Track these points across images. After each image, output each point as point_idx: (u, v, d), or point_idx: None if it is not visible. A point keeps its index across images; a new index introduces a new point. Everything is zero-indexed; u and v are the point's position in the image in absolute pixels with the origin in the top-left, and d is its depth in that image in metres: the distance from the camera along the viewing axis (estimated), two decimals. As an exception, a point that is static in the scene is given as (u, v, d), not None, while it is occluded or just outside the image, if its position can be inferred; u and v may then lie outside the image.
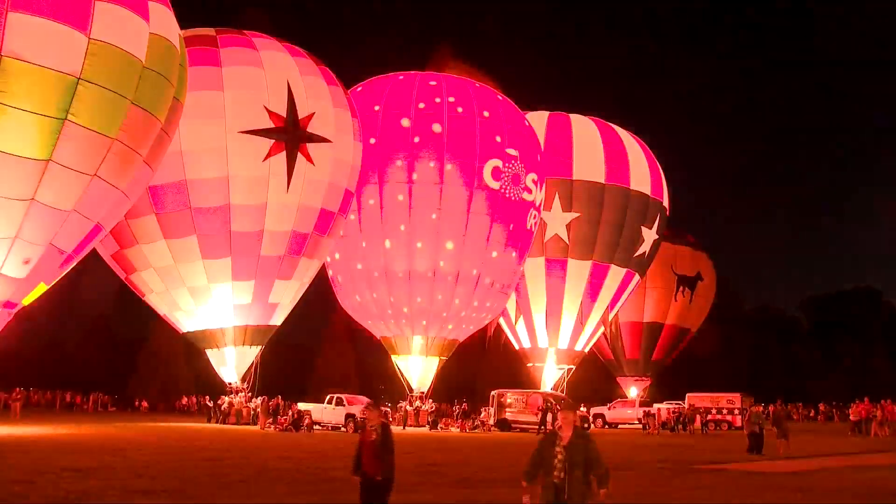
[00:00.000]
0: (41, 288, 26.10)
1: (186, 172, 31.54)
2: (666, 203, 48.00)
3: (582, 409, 44.48)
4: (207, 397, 43.62)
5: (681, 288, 55.54)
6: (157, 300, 34.59)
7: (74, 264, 26.75)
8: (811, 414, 67.30)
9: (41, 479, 14.49)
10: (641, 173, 45.78)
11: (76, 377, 60.25)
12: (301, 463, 19.45)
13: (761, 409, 36.15)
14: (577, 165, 44.38)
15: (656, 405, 48.98)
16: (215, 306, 33.96)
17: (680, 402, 48.47)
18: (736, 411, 44.79)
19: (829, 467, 21.32)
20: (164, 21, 25.22)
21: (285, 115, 32.77)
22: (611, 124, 46.88)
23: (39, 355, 59.32)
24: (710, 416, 44.51)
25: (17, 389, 49.09)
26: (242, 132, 32.03)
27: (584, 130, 45.55)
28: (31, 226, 23.44)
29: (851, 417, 42.75)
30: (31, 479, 14.57)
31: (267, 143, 32.31)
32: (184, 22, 27.32)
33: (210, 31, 33.70)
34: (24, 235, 23.58)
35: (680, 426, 43.83)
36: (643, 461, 22.22)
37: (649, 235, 46.36)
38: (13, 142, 22.31)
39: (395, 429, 36.03)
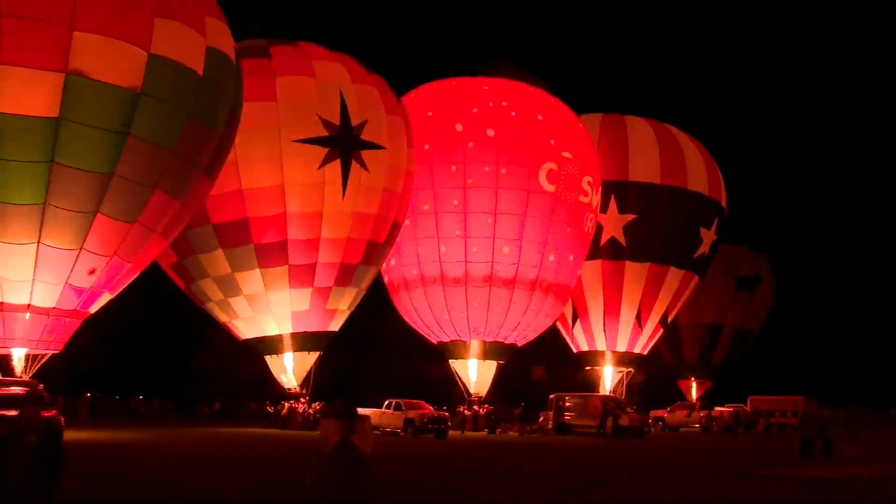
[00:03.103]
0: (106, 297, 26.80)
1: (242, 182, 32.01)
2: (724, 203, 47.31)
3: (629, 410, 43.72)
4: (268, 403, 44.13)
5: (740, 289, 54.74)
6: (216, 309, 35.15)
7: (138, 274, 27.39)
8: (880, 416, 65.67)
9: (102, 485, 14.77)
10: (698, 174, 45.18)
11: (139, 383, 61.58)
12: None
13: (829, 412, 35.27)
14: (633, 167, 43.97)
15: (717, 408, 48.32)
16: (273, 313, 34.37)
17: (741, 404, 47.73)
18: (799, 414, 43.91)
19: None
20: (220, 34, 25.72)
21: (339, 123, 33.08)
22: (666, 124, 46.35)
23: (105, 362, 60.66)
24: (772, 420, 43.71)
25: (85, 395, 50.45)
26: (296, 141, 32.43)
27: (639, 131, 45.09)
28: (96, 238, 24.11)
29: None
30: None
31: (321, 152, 32.66)
32: (237, 34, 27.78)
33: (262, 43, 34.17)
34: (89, 247, 24.26)
35: (741, 429, 43.16)
36: (694, 464, 21.95)
37: (708, 237, 45.75)
38: (78, 156, 22.98)
39: (454, 433, 36.12)
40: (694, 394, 56.16)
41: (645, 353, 46.70)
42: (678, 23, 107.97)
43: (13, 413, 20.39)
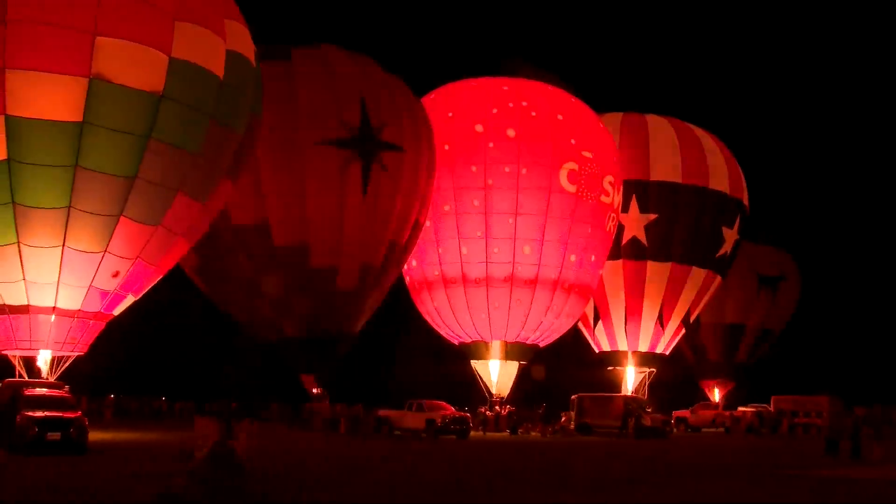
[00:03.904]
0: (130, 300, 27.00)
1: (263, 184, 32.16)
2: (746, 202, 47.02)
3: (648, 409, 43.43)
4: (289, 405, 44.36)
5: (763, 288, 54.36)
6: (239, 311, 35.33)
7: (161, 277, 27.57)
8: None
9: (109, 486, 14.83)
10: (720, 172, 44.95)
11: (162, 384, 62.03)
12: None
13: (864, 412, 34.95)
14: (654, 166, 43.81)
15: (740, 408, 48.02)
16: (295, 315, 34.48)
17: (765, 404, 47.41)
18: (824, 414, 43.53)
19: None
20: (240, 38, 25.89)
21: (359, 125, 33.17)
22: (687, 123, 46.14)
23: (128, 364, 61.15)
24: (796, 420, 43.39)
25: (109, 396, 50.92)
26: (317, 143, 32.53)
27: (660, 130, 44.92)
28: (120, 241, 24.33)
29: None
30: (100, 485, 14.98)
31: (342, 154, 32.76)
32: (257, 37, 27.89)
33: (283, 46, 34.30)
34: (113, 250, 24.48)
35: (766, 429, 42.83)
36: (720, 464, 21.83)
37: (730, 235, 45.49)
38: (101, 160, 23.22)
39: (475, 434, 36.07)
40: (717, 394, 55.81)
41: (667, 353, 46.50)
42: (698, 21, 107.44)
43: (39, 414, 20.68)
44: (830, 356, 70.41)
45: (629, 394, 43.77)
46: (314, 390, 37.59)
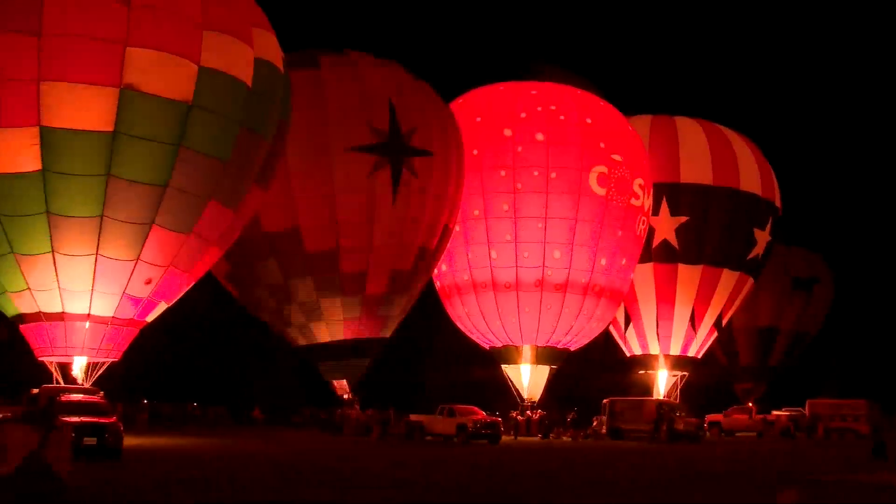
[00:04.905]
0: (162, 306, 27.28)
1: (293, 191, 32.34)
2: (778, 203, 46.56)
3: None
4: (321, 410, 44.51)
5: (797, 290, 53.76)
6: (270, 317, 35.54)
7: (193, 284, 27.82)
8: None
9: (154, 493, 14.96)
10: (751, 173, 44.54)
11: (195, 390, 62.57)
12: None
13: None
14: (685, 168, 43.50)
15: (774, 412, 47.54)
16: (325, 321, 34.64)
17: (800, 408, 46.88)
18: (861, 418, 42.96)
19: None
20: (268, 45, 26.10)
21: (388, 131, 33.27)
22: (717, 125, 45.79)
23: (162, 370, 61.74)
24: (832, 424, 42.85)
25: (143, 402, 51.47)
26: (347, 149, 32.67)
27: (690, 132, 44.60)
28: (152, 248, 24.60)
29: None
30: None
31: (371, 159, 32.88)
32: (286, 45, 28.10)
33: (311, 53, 34.49)
34: (145, 258, 24.76)
35: (802, 433, 42.36)
36: (754, 471, 21.59)
37: (762, 237, 45.05)
38: (133, 169, 23.51)
39: (507, 438, 35.98)
40: (750, 398, 55.22)
41: (699, 356, 46.11)
42: (728, 23, 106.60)
43: (75, 419, 20.92)
44: (866, 359, 69.41)
45: (661, 398, 43.46)
46: (345, 395, 37.72)
